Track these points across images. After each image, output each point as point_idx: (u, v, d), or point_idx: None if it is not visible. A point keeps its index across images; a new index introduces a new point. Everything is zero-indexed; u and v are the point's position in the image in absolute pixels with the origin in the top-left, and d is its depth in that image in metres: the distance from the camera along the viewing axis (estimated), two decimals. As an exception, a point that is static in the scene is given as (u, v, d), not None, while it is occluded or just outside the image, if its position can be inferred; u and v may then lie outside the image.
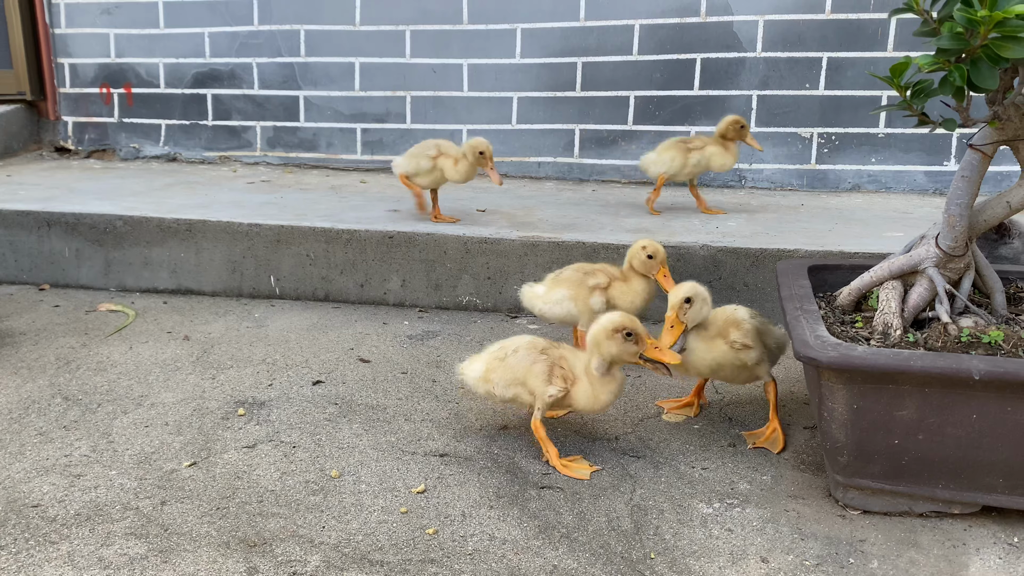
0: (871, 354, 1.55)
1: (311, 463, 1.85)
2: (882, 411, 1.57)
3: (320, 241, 2.94)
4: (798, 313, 1.77)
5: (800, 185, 3.79)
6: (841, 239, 2.83)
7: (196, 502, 1.69)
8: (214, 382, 2.27)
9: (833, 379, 1.57)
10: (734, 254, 2.72)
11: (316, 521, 1.64)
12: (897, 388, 1.55)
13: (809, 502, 1.72)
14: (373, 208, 3.29)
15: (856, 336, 1.75)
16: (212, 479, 1.78)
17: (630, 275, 2.26)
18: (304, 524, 1.63)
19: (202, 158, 4.33)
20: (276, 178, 3.94)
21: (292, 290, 2.99)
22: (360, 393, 2.22)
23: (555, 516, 1.67)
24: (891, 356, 1.54)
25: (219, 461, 1.85)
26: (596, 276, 2.27)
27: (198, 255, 3.02)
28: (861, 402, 1.57)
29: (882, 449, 1.60)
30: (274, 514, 1.66)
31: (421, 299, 2.92)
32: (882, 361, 1.53)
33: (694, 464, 1.86)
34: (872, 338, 1.73)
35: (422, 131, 4.08)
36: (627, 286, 2.26)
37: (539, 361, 1.87)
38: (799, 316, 1.75)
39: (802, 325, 1.69)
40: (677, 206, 3.41)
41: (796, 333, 1.66)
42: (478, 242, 2.85)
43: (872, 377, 1.54)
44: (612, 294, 2.25)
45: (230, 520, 1.63)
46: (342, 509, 1.68)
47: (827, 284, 2.08)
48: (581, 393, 1.85)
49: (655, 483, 1.78)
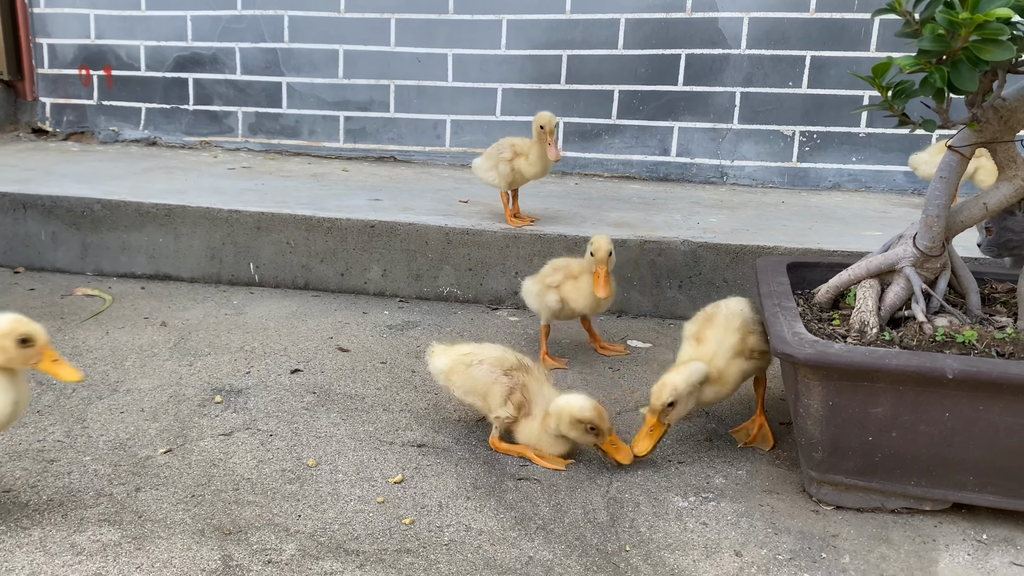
0: (847, 351, 1.56)
1: (288, 452, 1.85)
2: (857, 408, 1.58)
3: (301, 229, 2.92)
4: (776, 310, 1.78)
5: (781, 183, 3.82)
6: (820, 237, 2.85)
7: (171, 489, 1.68)
8: (191, 369, 2.25)
9: (809, 376, 1.58)
10: (714, 250, 2.73)
11: (292, 510, 1.63)
12: (872, 386, 1.56)
13: (783, 497, 1.73)
14: (355, 197, 3.27)
15: (833, 333, 1.76)
16: (187, 466, 1.77)
17: (583, 272, 2.23)
18: (280, 513, 1.62)
19: (182, 143, 4.29)
20: (257, 164, 3.91)
21: (272, 277, 2.97)
22: (338, 382, 2.21)
23: (531, 508, 1.67)
24: (867, 354, 1.56)
25: (195, 448, 1.84)
26: (555, 274, 2.26)
27: (177, 240, 2.99)
28: (836, 399, 1.58)
29: (856, 446, 1.61)
30: (250, 502, 1.65)
31: (401, 289, 2.92)
32: (858, 358, 1.54)
33: (670, 458, 1.87)
34: (849, 336, 1.75)
35: (405, 120, 4.06)
36: (577, 283, 2.23)
37: (499, 382, 1.84)
38: (777, 313, 1.76)
39: (780, 322, 1.70)
40: (659, 200, 3.42)
41: (774, 329, 1.67)
42: (460, 233, 2.85)
43: (848, 374, 1.55)
44: (563, 292, 2.24)
45: (205, 507, 1.62)
46: (318, 498, 1.68)
47: (806, 281, 2.09)
48: (528, 432, 1.82)
49: (631, 476, 1.79)
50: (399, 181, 3.66)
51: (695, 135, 3.86)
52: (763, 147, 3.81)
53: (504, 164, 2.84)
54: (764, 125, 3.78)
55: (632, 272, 2.78)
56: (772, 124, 3.77)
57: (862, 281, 1.87)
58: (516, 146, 2.87)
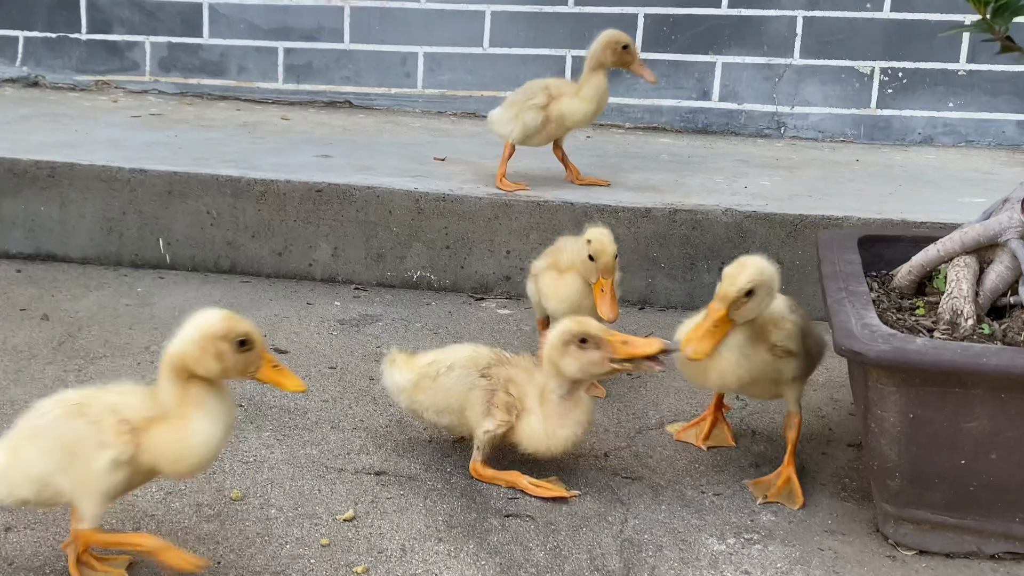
0: (933, 348, 1.57)
1: (205, 481, 1.85)
2: (946, 422, 1.59)
3: (225, 194, 2.92)
4: (842, 295, 1.78)
5: (856, 135, 3.82)
6: (904, 205, 2.86)
7: (52, 529, 1.68)
8: (80, 376, 2.25)
9: (884, 380, 1.59)
10: (766, 222, 2.74)
11: (209, 554, 1.63)
12: (966, 393, 1.57)
13: (850, 539, 1.74)
14: (297, 152, 3.27)
15: (916, 326, 1.77)
16: (74, 500, 1.78)
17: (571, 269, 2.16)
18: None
19: (72, 83, 4.28)
20: (170, 111, 3.91)
21: (188, 258, 2.97)
22: (273, 392, 2.21)
23: (522, 552, 1.67)
24: (959, 351, 1.56)
25: (84, 477, 1.85)
26: (544, 259, 2.24)
27: (63, 210, 2.99)
28: (919, 410, 1.59)
29: (945, 471, 1.62)
30: (154, 545, 1.66)
31: (358, 273, 2.92)
32: (947, 357, 1.55)
33: (704, 489, 1.88)
34: (937, 328, 1.76)
35: (364, 53, 4.06)
36: (559, 281, 2.17)
37: (477, 386, 1.85)
38: (843, 299, 1.77)
39: (846, 310, 1.71)
40: (696, 158, 3.43)
41: (838, 320, 1.68)
42: (434, 200, 2.85)
43: (934, 378, 1.56)
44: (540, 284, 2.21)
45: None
46: (244, 540, 1.68)
47: (882, 260, 2.10)
48: (529, 430, 1.80)
49: (653, 512, 1.79)
50: (356, 132, 3.66)
51: (744, 73, 3.85)
52: (832, 89, 3.81)
53: (532, 112, 2.84)
54: (834, 60, 3.78)
55: (659, 251, 2.78)
56: (844, 59, 3.77)
57: (955, 259, 1.88)
58: (551, 88, 2.87)
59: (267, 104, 4.14)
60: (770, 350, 1.77)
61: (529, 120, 2.84)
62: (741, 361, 1.75)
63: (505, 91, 3.99)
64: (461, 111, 4.08)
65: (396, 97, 4.10)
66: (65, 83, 4.29)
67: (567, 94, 2.85)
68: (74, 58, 4.27)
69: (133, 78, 4.25)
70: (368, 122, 3.87)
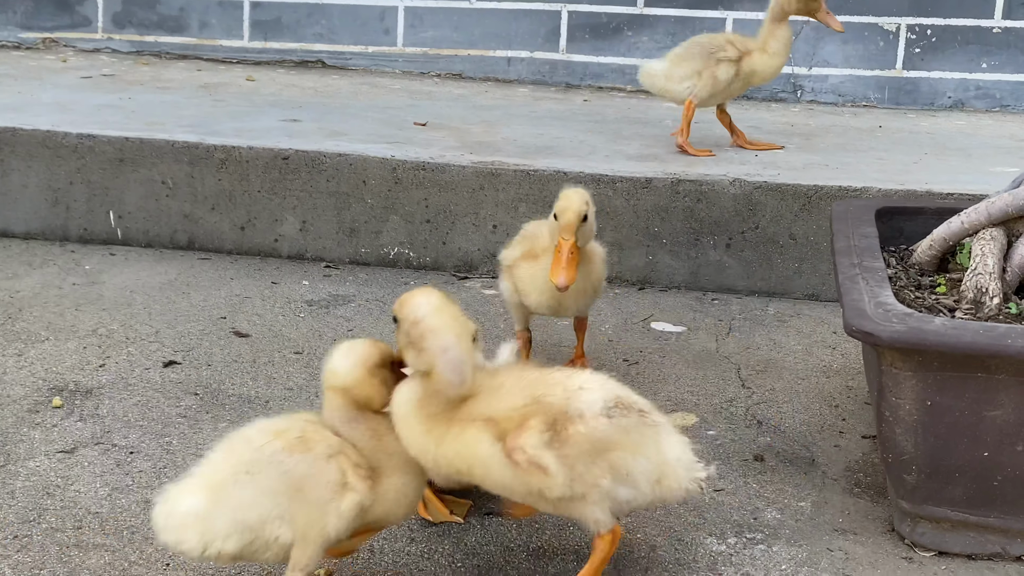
0: (953, 328, 1.56)
1: (156, 476, 1.84)
2: (967, 410, 1.59)
3: (182, 162, 2.92)
4: (855, 272, 1.78)
5: (879, 99, 3.81)
6: (930, 175, 2.86)
7: None
8: (19, 360, 2.25)
9: (899, 363, 1.59)
10: (778, 193, 2.73)
11: (157, 556, 1.63)
12: (990, 378, 1.57)
13: (863, 539, 1.74)
14: (262, 116, 3.26)
15: (936, 304, 1.77)
16: (9, 496, 1.77)
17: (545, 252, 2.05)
18: (139, 560, 1.62)
19: (17, 41, 4.26)
20: (124, 72, 3.89)
21: (141, 232, 2.97)
22: (233, 380, 2.21)
23: (503, 554, 1.67)
24: (982, 332, 1.56)
25: (21, 471, 1.84)
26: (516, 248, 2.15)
27: (4, 180, 2.98)
28: (938, 397, 1.59)
29: (966, 464, 1.62)
30: (97, 545, 1.65)
31: (329, 249, 2.92)
32: (968, 338, 1.55)
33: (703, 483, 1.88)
34: (959, 307, 1.75)
35: (338, 7, 4.05)
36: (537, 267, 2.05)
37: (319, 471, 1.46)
38: (856, 276, 1.76)
39: (859, 288, 1.71)
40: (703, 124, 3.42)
41: (850, 299, 1.67)
42: (413, 168, 2.85)
43: (954, 361, 1.56)
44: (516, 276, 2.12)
45: (33, 553, 1.62)
46: (197, 540, 1.68)
47: (902, 234, 2.10)
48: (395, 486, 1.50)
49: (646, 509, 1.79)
50: (328, 95, 3.65)
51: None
52: (855, 48, 3.80)
53: (725, 67, 2.91)
54: (856, 16, 3.77)
55: (660, 225, 2.78)
56: (867, 14, 3.76)
57: (980, 232, 1.87)
58: (736, 42, 2.95)
59: (231, 64, 4.12)
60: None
61: (722, 75, 2.90)
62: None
63: (494, 51, 4.00)
64: (445, 72, 4.07)
65: (374, 56, 4.09)
66: (9, 41, 4.27)
67: (753, 48, 2.94)
68: (19, 13, 4.25)
69: (84, 35, 4.23)
70: (342, 84, 3.86)
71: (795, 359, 2.41)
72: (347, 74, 4.03)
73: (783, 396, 2.22)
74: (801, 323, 2.61)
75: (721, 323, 2.60)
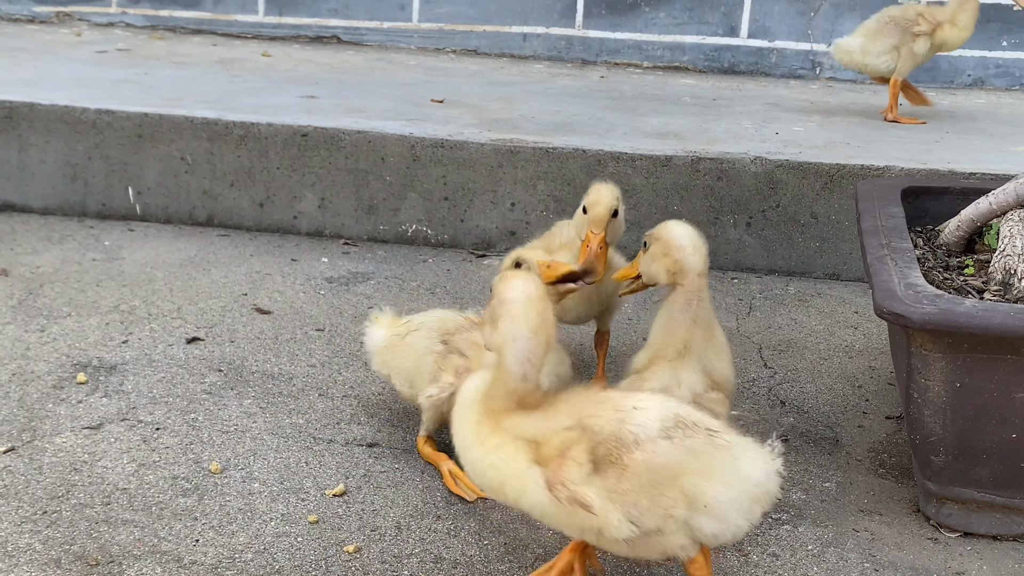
0: (984, 310, 1.56)
1: (182, 452, 1.86)
2: (996, 392, 1.59)
3: (202, 139, 2.92)
4: (884, 252, 1.78)
5: (899, 77, 3.80)
6: (952, 154, 2.85)
7: (14, 503, 1.70)
8: (43, 336, 2.26)
9: (929, 345, 1.59)
10: (799, 171, 2.73)
11: (187, 532, 1.64)
12: (1019, 360, 1.57)
13: (888, 519, 1.75)
14: (280, 93, 3.25)
15: (965, 286, 1.77)
16: (37, 472, 1.78)
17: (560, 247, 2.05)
18: (169, 536, 1.63)
19: (31, 14, 4.26)
20: (139, 46, 3.89)
21: (160, 208, 2.97)
22: (255, 356, 2.22)
23: (528, 531, 1.68)
24: (1012, 314, 1.56)
25: (48, 447, 1.85)
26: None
27: (22, 154, 2.99)
28: (967, 378, 1.59)
29: (994, 446, 1.62)
30: (126, 521, 1.66)
31: (348, 227, 2.92)
32: (998, 320, 1.55)
33: (729, 464, 1.89)
34: (987, 289, 1.75)
35: (355, -17, 4.04)
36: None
37: (433, 351, 1.81)
38: (885, 257, 1.76)
39: (888, 269, 1.71)
40: (722, 101, 3.41)
41: (880, 280, 1.67)
42: (431, 146, 2.84)
43: (984, 343, 1.56)
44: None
45: (62, 529, 1.64)
46: (225, 516, 1.69)
47: (928, 215, 2.10)
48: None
49: (673, 489, 1.80)
50: (345, 71, 3.64)
51: (776, 7, 3.82)
52: (874, 25, 3.78)
53: (922, 41, 3.00)
54: (876, -7, 3.75)
55: (680, 203, 2.77)
56: (887, -9, 3.74)
57: (1008, 213, 1.87)
58: (926, 14, 3.02)
59: (246, 39, 4.11)
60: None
61: (919, 49, 3.00)
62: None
63: (509, 26, 3.99)
64: (461, 48, 4.06)
65: (389, 32, 4.08)
66: (22, 14, 4.26)
67: (943, 20, 3.01)
68: (32, -13, 4.24)
69: (98, 9, 4.22)
70: (358, 59, 3.85)
71: (817, 339, 2.41)
72: (362, 50, 4.02)
73: (806, 376, 2.23)
74: (823, 302, 2.61)
75: (741, 302, 2.60)
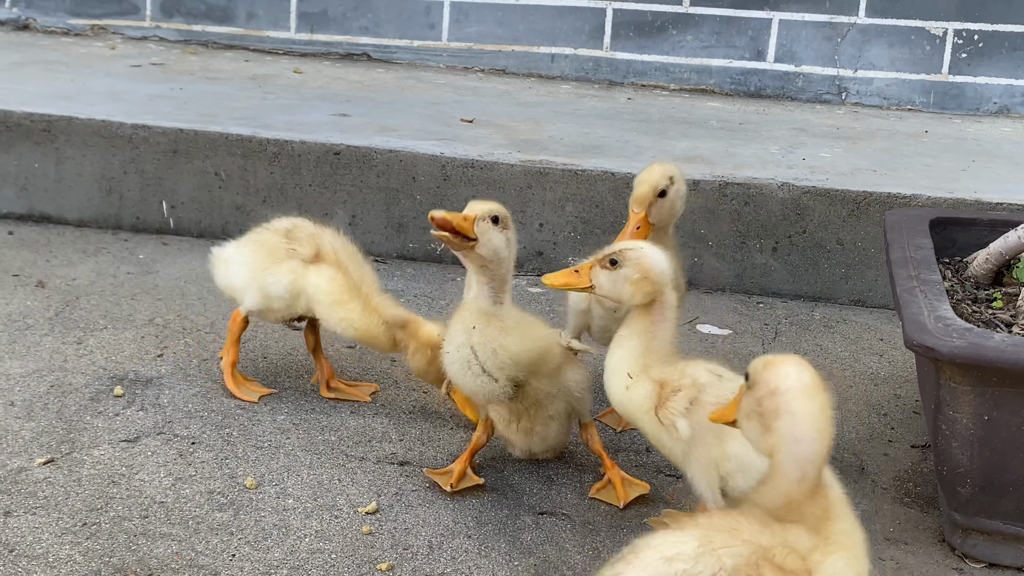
0: (1013, 345, 1.58)
1: (217, 466, 1.88)
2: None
3: (235, 155, 2.95)
4: (913, 284, 1.79)
5: (925, 104, 3.80)
6: (979, 183, 2.85)
7: (54, 514, 1.72)
8: (80, 348, 2.29)
9: (957, 378, 1.60)
10: (826, 198, 2.74)
11: (223, 547, 1.67)
12: (1046, 394, 1.58)
13: (913, 549, 1.76)
14: (312, 110, 3.28)
15: (993, 319, 1.78)
16: (76, 483, 1.81)
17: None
18: (206, 551, 1.66)
19: (66, 27, 4.30)
20: (173, 61, 3.92)
21: (193, 223, 3.00)
22: (288, 372, 2.24)
23: (557, 553, 1.70)
24: (1041, 349, 1.57)
25: (86, 459, 1.88)
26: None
27: (59, 167, 3.02)
28: (995, 412, 1.60)
29: (1021, 479, 1.63)
30: (164, 535, 1.69)
31: (378, 244, 2.94)
32: (1028, 355, 1.56)
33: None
34: (1016, 323, 1.76)
35: (384, 0, 4.06)
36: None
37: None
38: (914, 289, 1.78)
39: (918, 301, 1.72)
40: (749, 125, 3.42)
41: (909, 312, 1.69)
42: (461, 166, 2.87)
43: (1013, 377, 1.57)
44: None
45: (102, 541, 1.66)
46: (260, 532, 1.71)
47: (956, 245, 2.10)
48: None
49: (700, 514, 1.82)
50: (375, 89, 3.67)
51: (802, 31, 3.84)
52: (900, 51, 3.79)
53: None
54: (903, 20, 3.76)
55: (707, 227, 2.79)
56: (914, 18, 3.75)
57: (1037, 246, 1.88)
58: None
59: (278, 55, 4.14)
60: None
61: None
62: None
63: (538, 47, 4.01)
64: (490, 67, 4.08)
65: (418, 50, 4.10)
66: (58, 27, 4.30)
67: None
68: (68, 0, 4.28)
69: (132, 23, 4.26)
70: (388, 77, 3.88)
71: (842, 365, 2.42)
72: (392, 67, 4.05)
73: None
74: (848, 329, 2.62)
75: (767, 327, 2.61)
